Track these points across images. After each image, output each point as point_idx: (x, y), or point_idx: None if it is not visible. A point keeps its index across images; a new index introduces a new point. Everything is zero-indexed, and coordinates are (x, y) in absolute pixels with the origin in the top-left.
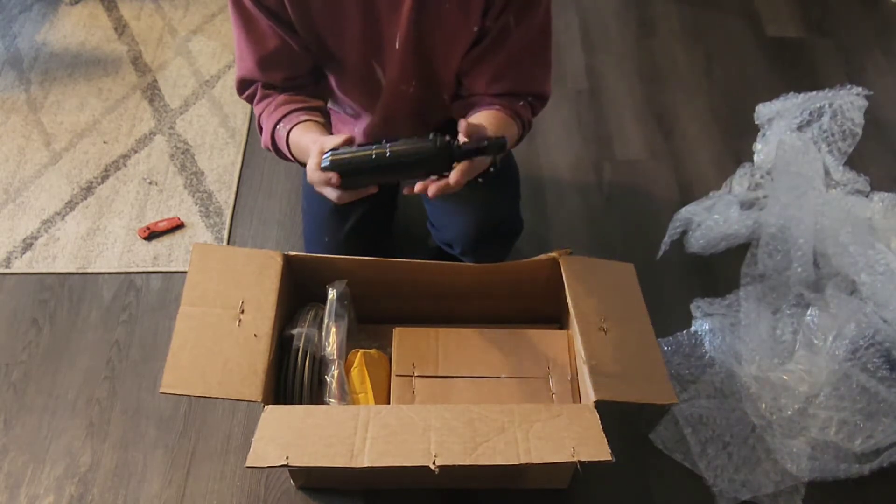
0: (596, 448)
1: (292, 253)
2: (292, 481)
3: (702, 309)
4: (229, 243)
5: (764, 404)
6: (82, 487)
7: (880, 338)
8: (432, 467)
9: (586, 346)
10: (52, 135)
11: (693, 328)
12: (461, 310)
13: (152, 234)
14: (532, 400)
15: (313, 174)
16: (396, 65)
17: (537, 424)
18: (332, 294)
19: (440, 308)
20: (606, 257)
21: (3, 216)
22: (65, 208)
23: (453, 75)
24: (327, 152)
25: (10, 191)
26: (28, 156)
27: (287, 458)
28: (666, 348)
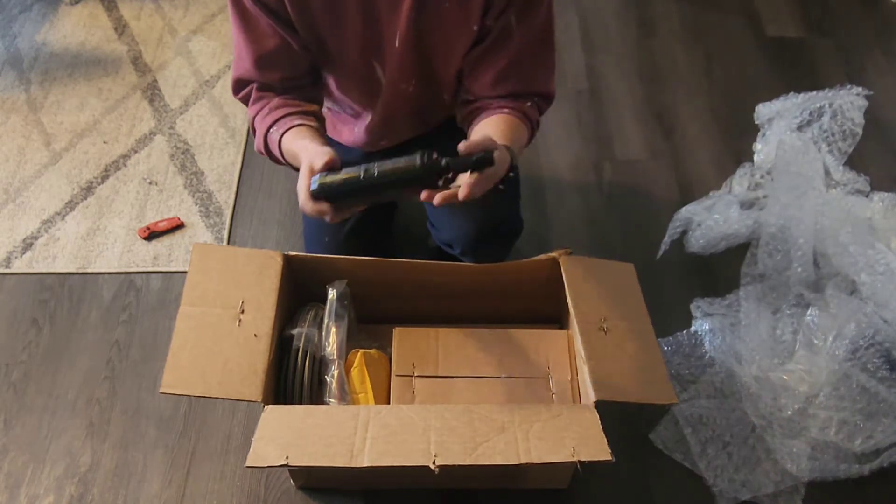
0: (596, 448)
1: (292, 253)
2: (292, 481)
3: (702, 309)
4: (229, 243)
5: (764, 404)
6: (82, 487)
7: (880, 338)
8: (432, 467)
9: (586, 346)
10: (52, 135)
11: (693, 328)
12: (461, 310)
13: (152, 234)
14: (532, 400)
15: (305, 204)
16: (396, 63)
17: (537, 424)
18: (332, 294)
19: (440, 308)
20: (606, 257)
21: (3, 216)
22: (65, 208)
23: (454, 75)
24: (315, 175)
25: (10, 191)
26: (28, 156)
27: (287, 458)
28: (666, 348)
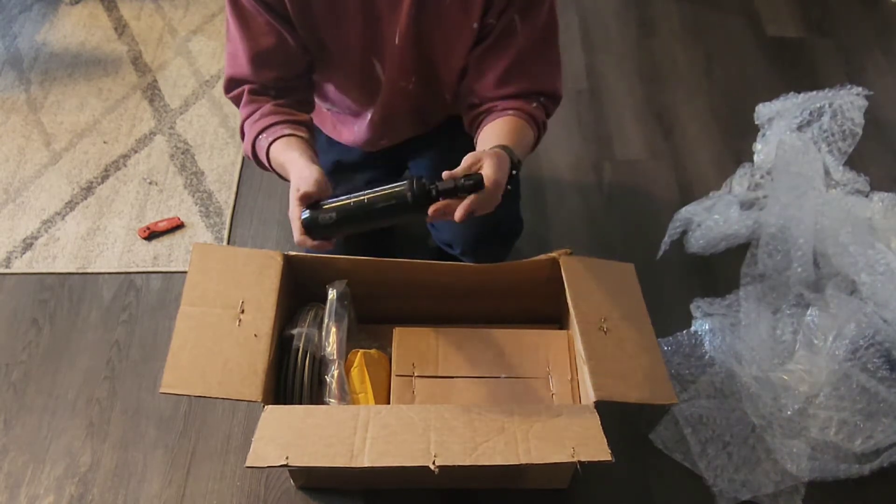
0: (596, 448)
1: (292, 253)
2: (292, 481)
3: (702, 309)
4: (229, 243)
5: (764, 404)
6: (82, 487)
7: (880, 338)
8: (432, 467)
9: (586, 346)
10: (52, 135)
11: (693, 328)
12: (461, 310)
13: (152, 234)
14: (532, 400)
15: (298, 238)
16: (396, 61)
17: (537, 424)
18: (332, 294)
19: (440, 308)
20: (606, 257)
21: (3, 216)
22: (65, 208)
23: (455, 73)
24: (306, 210)
25: (10, 191)
26: (28, 156)
27: (287, 458)
28: (666, 348)
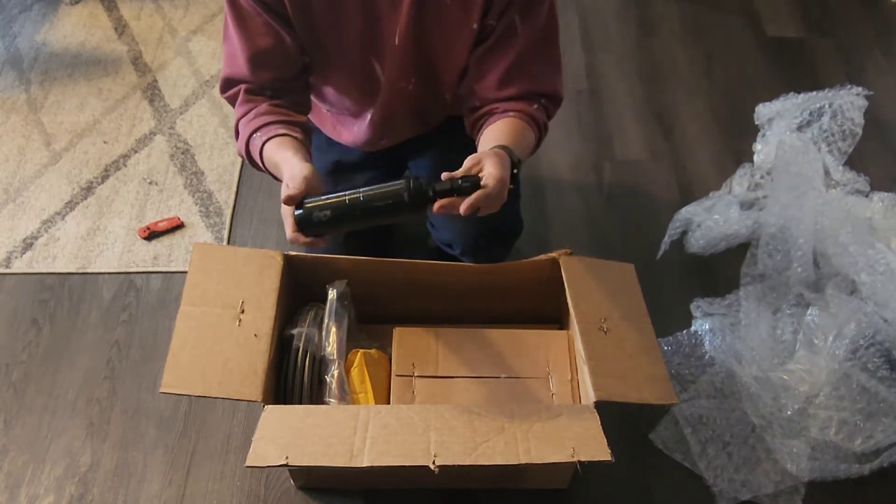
0: (596, 448)
1: (292, 253)
2: (292, 481)
3: (702, 309)
4: (229, 243)
5: (764, 404)
6: (82, 487)
7: (880, 338)
8: (432, 467)
9: (586, 346)
10: (52, 135)
11: (693, 328)
12: (461, 310)
13: (152, 234)
14: (532, 400)
15: (291, 235)
16: (396, 61)
17: (537, 424)
18: (333, 294)
19: (440, 308)
20: (606, 257)
21: (3, 216)
22: (65, 208)
23: (455, 74)
24: (299, 210)
25: (10, 191)
26: (28, 156)
27: (287, 458)
28: (666, 348)
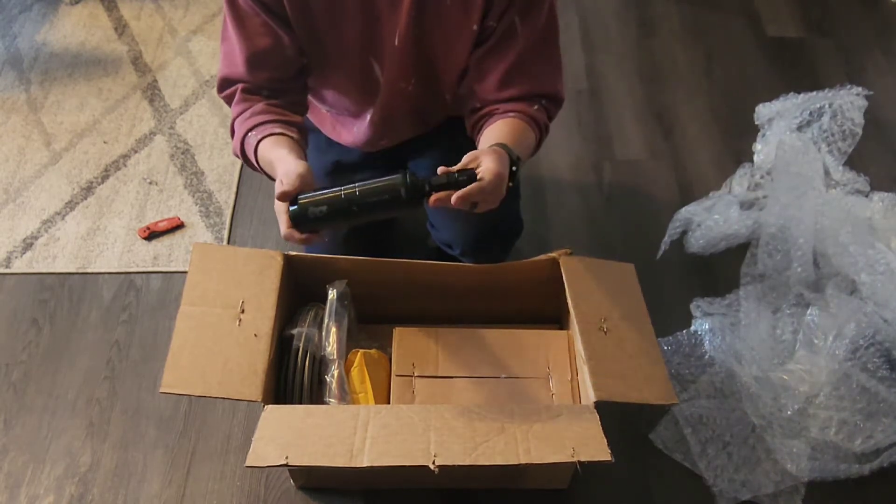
0: (596, 448)
1: (293, 253)
2: (292, 481)
3: (702, 309)
4: (229, 243)
5: (764, 404)
6: (82, 487)
7: (880, 338)
8: (432, 467)
9: (586, 346)
10: (53, 135)
11: (693, 328)
12: (461, 310)
13: (152, 234)
14: (532, 400)
15: (286, 231)
16: (395, 62)
17: (537, 424)
18: (333, 294)
19: (440, 308)
20: (606, 257)
21: (3, 216)
22: (65, 208)
23: (455, 75)
24: (294, 206)
25: (11, 191)
26: (28, 156)
27: (287, 457)
28: (666, 348)
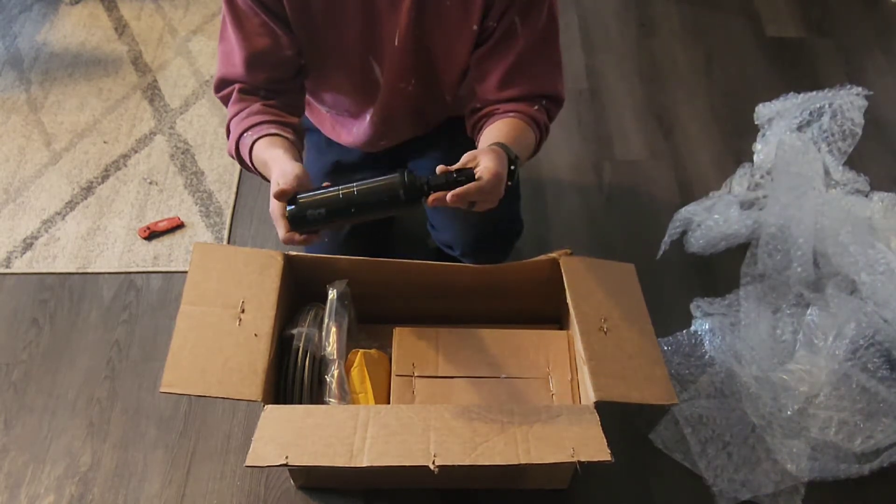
0: (595, 448)
1: (293, 253)
2: (292, 481)
3: (702, 309)
4: (229, 243)
5: (764, 404)
6: (82, 487)
7: (880, 338)
8: (432, 467)
9: (586, 346)
10: (53, 135)
11: (693, 328)
12: (461, 310)
13: (152, 234)
14: (532, 400)
15: (285, 235)
16: (395, 62)
17: (537, 425)
18: (333, 294)
19: (440, 308)
20: (606, 257)
21: (4, 216)
22: (65, 208)
23: (455, 75)
24: (291, 206)
25: (11, 191)
26: (28, 156)
27: (287, 457)
28: (666, 348)
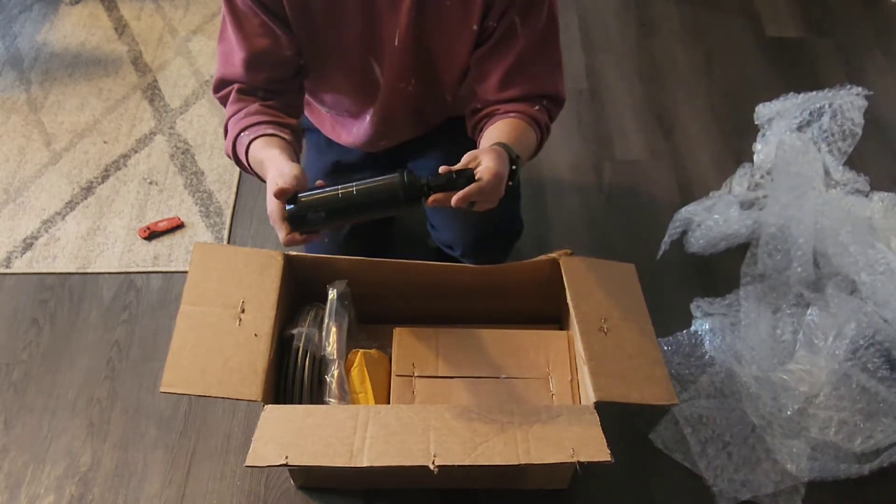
0: (595, 448)
1: (293, 253)
2: (292, 481)
3: (702, 309)
4: (229, 243)
5: (764, 404)
6: (82, 487)
7: (880, 338)
8: (432, 467)
9: (586, 346)
10: (53, 135)
11: (693, 328)
12: (461, 310)
13: (152, 234)
14: (532, 400)
15: (285, 238)
16: (395, 62)
17: (537, 425)
18: (333, 294)
19: (440, 308)
20: (606, 257)
21: (4, 216)
22: (65, 208)
23: (455, 75)
24: (290, 205)
25: (11, 191)
26: (28, 156)
27: (287, 457)
28: (666, 348)
